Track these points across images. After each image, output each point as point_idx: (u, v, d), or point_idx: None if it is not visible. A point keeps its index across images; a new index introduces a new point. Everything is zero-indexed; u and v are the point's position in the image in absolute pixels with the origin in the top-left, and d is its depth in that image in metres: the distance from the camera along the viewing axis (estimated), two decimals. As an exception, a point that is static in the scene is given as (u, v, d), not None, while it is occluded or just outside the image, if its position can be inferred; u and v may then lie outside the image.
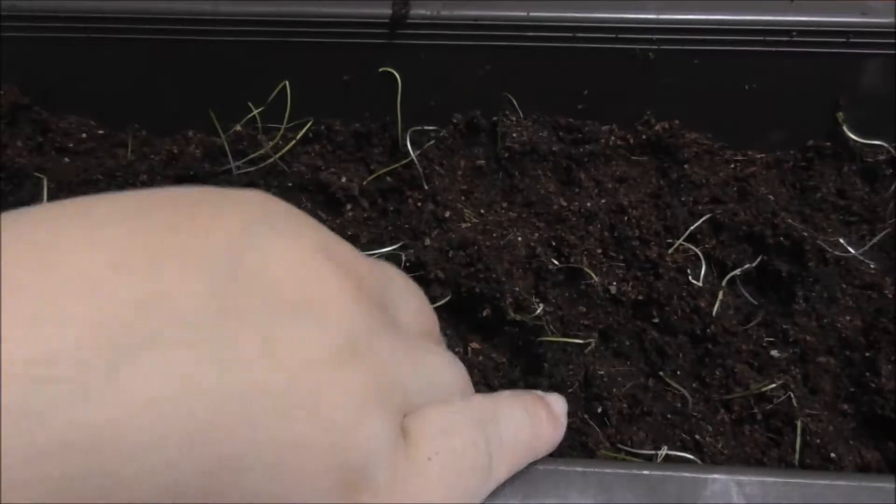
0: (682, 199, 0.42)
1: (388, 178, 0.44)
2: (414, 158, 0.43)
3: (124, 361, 0.16)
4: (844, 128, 0.42)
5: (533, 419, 0.26)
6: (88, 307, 0.16)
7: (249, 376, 0.17)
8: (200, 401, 0.16)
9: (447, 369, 0.24)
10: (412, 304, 0.26)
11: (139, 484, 0.16)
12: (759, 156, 0.44)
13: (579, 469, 0.25)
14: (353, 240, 0.42)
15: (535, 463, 0.25)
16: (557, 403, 0.28)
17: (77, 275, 0.16)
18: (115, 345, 0.16)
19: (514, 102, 0.43)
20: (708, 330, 0.38)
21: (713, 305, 0.38)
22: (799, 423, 0.36)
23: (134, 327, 0.16)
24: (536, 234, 0.41)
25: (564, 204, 0.42)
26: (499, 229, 0.41)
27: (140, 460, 0.16)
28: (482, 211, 0.42)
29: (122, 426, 0.16)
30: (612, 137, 0.44)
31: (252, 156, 0.44)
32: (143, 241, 0.18)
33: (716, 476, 0.25)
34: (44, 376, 0.15)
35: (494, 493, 0.24)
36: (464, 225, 0.41)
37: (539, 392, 0.28)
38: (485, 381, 0.38)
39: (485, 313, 0.39)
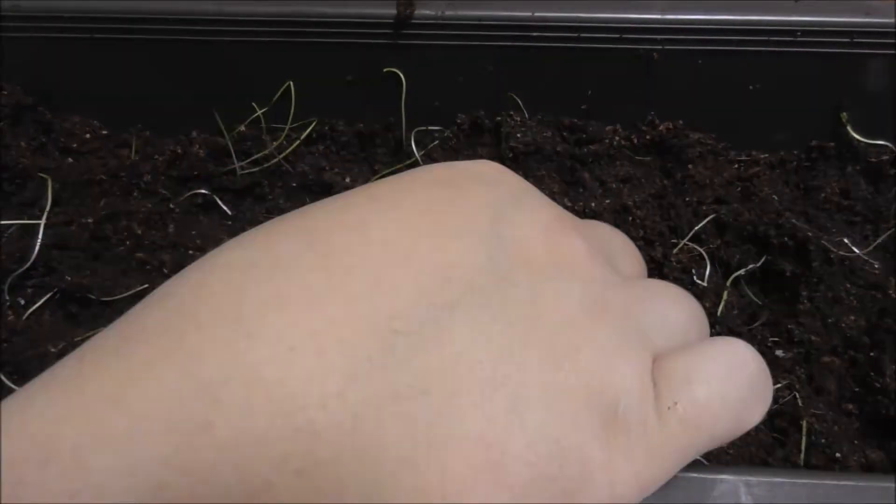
0: (687, 199, 0.42)
1: (393, 179, 0.44)
2: (418, 159, 0.43)
3: (444, 320, 0.19)
4: (848, 128, 0.42)
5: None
6: (408, 276, 0.19)
7: (525, 333, 0.20)
8: (496, 351, 0.19)
9: (676, 306, 0.25)
10: (628, 254, 0.28)
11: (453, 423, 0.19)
12: (762, 156, 0.44)
13: (587, 470, 0.25)
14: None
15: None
16: None
17: (391, 250, 0.20)
18: (435, 306, 0.19)
19: (519, 102, 0.43)
20: (713, 330, 0.38)
21: (718, 305, 0.38)
22: (804, 424, 0.36)
23: (443, 292, 0.20)
24: (541, 235, 0.41)
25: (569, 204, 0.42)
26: (503, 229, 0.41)
27: (456, 402, 0.19)
28: (486, 211, 0.42)
29: (450, 373, 0.19)
30: (616, 138, 0.44)
31: (256, 156, 0.44)
32: (425, 219, 0.21)
33: (724, 477, 0.25)
34: (399, 329, 0.19)
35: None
36: (468, 225, 0.41)
37: None
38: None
39: (490, 313, 0.39)
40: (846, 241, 0.40)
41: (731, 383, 0.23)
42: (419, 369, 0.18)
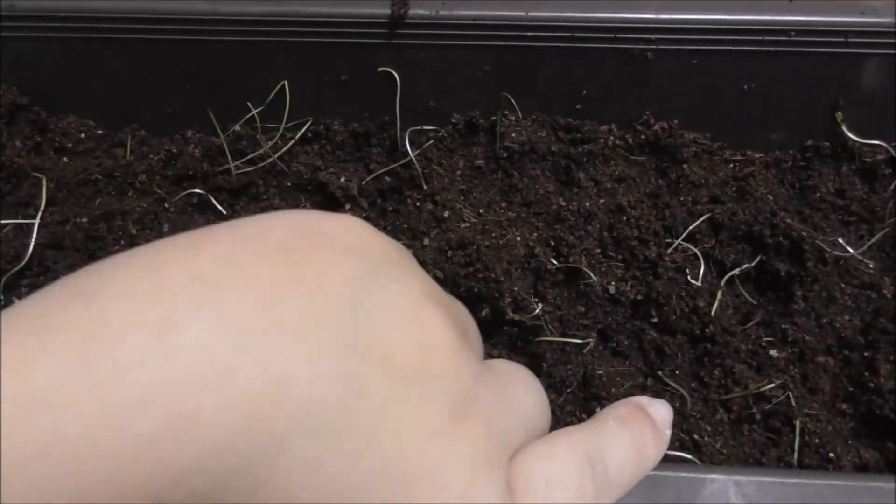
0: (681, 198, 0.42)
1: (387, 178, 0.44)
2: (413, 158, 0.43)
3: (274, 452, 0.16)
4: (843, 127, 0.42)
5: (639, 447, 0.24)
6: (219, 401, 0.15)
7: (376, 462, 0.17)
8: (334, 488, 0.17)
9: (530, 391, 0.24)
10: (473, 325, 0.25)
11: None
12: (757, 155, 0.44)
13: (577, 469, 0.25)
14: (352, 240, 0.42)
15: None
16: (661, 411, 0.26)
17: (198, 355, 0.16)
18: (253, 448, 0.16)
19: (513, 102, 0.43)
20: (707, 330, 0.38)
21: (712, 305, 0.38)
22: (797, 423, 0.36)
23: (270, 423, 0.16)
24: (535, 234, 0.41)
25: (563, 204, 0.42)
26: (498, 229, 0.41)
27: None
28: (481, 211, 0.42)
29: None
30: (611, 137, 0.44)
31: (251, 156, 0.44)
32: (258, 313, 0.17)
33: (714, 476, 0.25)
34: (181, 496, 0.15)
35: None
36: (463, 225, 0.41)
37: (643, 400, 0.26)
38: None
39: (483, 313, 0.39)
40: (841, 240, 0.40)
41: (585, 481, 0.22)
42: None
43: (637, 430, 0.24)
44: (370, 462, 0.17)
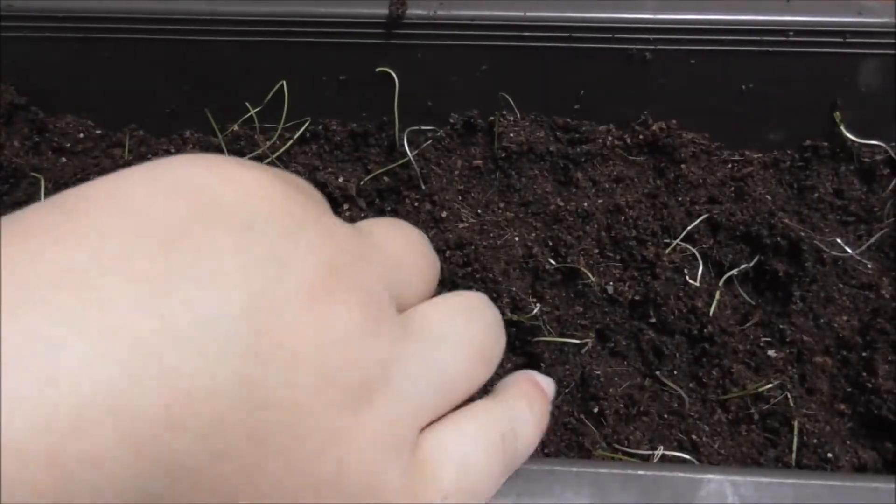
0: (680, 199, 0.42)
1: (385, 178, 0.44)
2: (411, 158, 0.43)
3: (183, 480, 0.15)
4: (842, 128, 0.42)
5: (540, 421, 0.25)
6: (114, 439, 0.14)
7: (277, 475, 0.16)
8: None
9: (460, 349, 0.22)
10: (417, 269, 0.24)
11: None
12: (756, 156, 0.44)
13: (574, 469, 0.25)
14: (350, 240, 0.42)
15: (529, 462, 0.25)
16: (550, 387, 0.28)
17: (88, 393, 0.14)
18: (165, 472, 0.15)
19: (511, 102, 0.43)
20: (705, 330, 0.38)
21: (710, 305, 0.38)
22: (796, 424, 0.36)
23: (172, 450, 0.14)
24: (533, 234, 0.41)
25: (561, 204, 0.42)
26: (496, 229, 0.41)
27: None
28: (479, 211, 0.42)
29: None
30: (609, 137, 0.44)
31: (249, 156, 0.44)
32: (140, 311, 0.14)
33: (710, 476, 0.25)
34: None
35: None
36: (461, 225, 0.41)
37: (533, 375, 0.28)
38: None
39: (481, 313, 0.39)
40: (839, 241, 0.40)
41: (496, 460, 0.22)
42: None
43: (538, 405, 0.26)
44: (271, 476, 0.16)
